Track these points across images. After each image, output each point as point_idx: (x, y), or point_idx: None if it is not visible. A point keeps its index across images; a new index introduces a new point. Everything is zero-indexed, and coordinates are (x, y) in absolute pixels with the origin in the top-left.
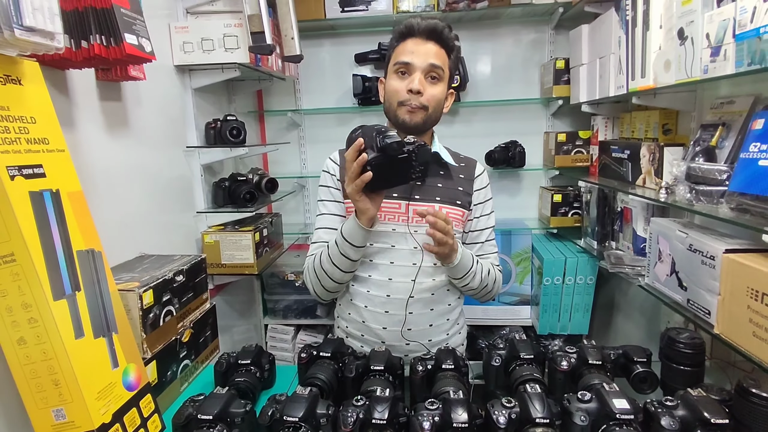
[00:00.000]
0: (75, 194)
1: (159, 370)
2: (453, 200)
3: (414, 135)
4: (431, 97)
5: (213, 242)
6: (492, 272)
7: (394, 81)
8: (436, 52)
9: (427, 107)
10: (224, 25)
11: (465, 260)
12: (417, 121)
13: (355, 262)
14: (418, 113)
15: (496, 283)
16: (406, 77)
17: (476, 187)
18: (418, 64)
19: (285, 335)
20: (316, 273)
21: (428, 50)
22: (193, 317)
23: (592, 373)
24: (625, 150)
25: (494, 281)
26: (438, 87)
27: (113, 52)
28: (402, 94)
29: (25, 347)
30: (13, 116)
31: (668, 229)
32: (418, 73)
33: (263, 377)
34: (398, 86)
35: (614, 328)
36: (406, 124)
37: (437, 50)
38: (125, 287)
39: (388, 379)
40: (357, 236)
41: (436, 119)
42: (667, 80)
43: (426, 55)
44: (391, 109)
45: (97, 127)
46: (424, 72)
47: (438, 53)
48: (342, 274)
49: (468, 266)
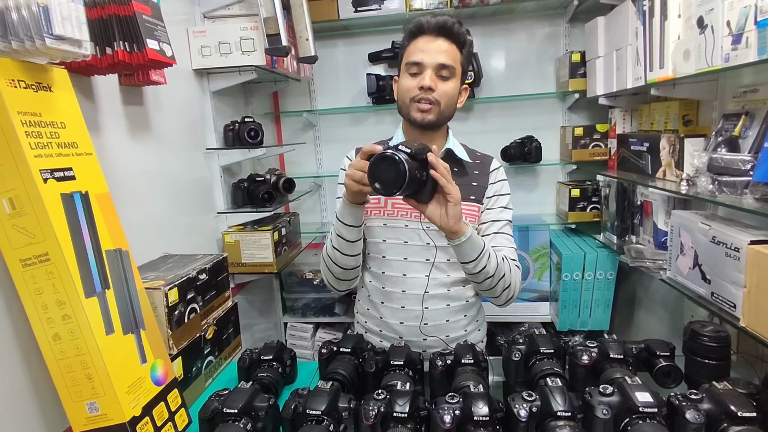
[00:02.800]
0: (102, 196)
1: (185, 366)
2: (466, 196)
3: (427, 130)
4: (443, 93)
5: (233, 242)
6: (507, 262)
7: (406, 80)
8: (446, 48)
9: (440, 103)
10: (241, 29)
11: (476, 239)
12: (430, 117)
13: (353, 243)
14: (430, 109)
15: (514, 274)
16: (418, 75)
17: (491, 180)
18: (429, 62)
19: (304, 333)
20: (324, 260)
21: (439, 47)
22: (216, 315)
23: (614, 367)
24: (645, 142)
25: (510, 271)
26: (450, 83)
27: (136, 57)
28: (414, 92)
29: (59, 343)
30: (45, 122)
31: (690, 222)
32: (429, 71)
33: (285, 372)
34: (410, 84)
35: (636, 324)
36: (419, 121)
37: (448, 47)
38: (151, 285)
39: (408, 374)
40: (345, 213)
41: (449, 115)
42: (686, 70)
43: (436, 53)
44: (404, 106)
45: (121, 131)
46: (434, 70)
47: (449, 50)
48: (343, 257)
49: (479, 247)
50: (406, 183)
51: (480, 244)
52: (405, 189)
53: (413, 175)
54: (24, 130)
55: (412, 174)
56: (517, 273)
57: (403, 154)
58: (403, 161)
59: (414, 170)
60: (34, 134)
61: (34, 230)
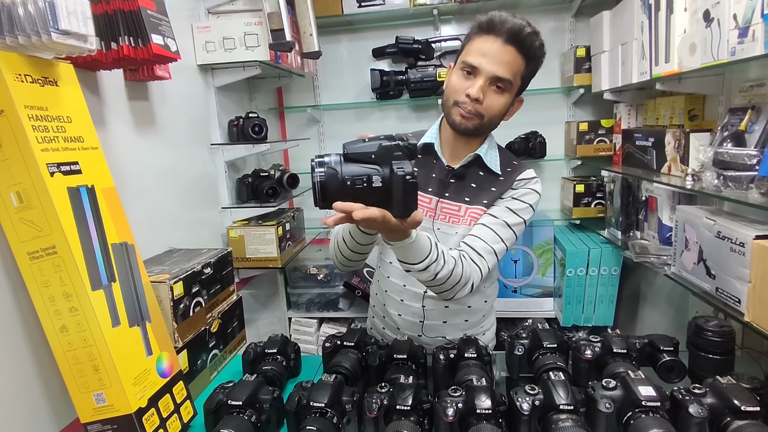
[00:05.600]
0: (108, 190)
1: (190, 359)
2: (480, 200)
3: (465, 136)
4: (489, 107)
5: (238, 237)
6: (456, 271)
7: (457, 77)
8: (510, 60)
9: (483, 116)
10: (245, 24)
11: (419, 247)
12: (468, 126)
13: (363, 245)
14: (471, 119)
15: (458, 285)
16: (471, 78)
17: (512, 186)
18: (485, 69)
19: (308, 328)
20: (334, 243)
21: (502, 56)
22: (221, 308)
23: (617, 361)
24: (650, 137)
25: (453, 283)
26: (501, 98)
27: (141, 52)
28: (460, 95)
29: (67, 335)
30: (51, 116)
31: (695, 217)
32: (482, 79)
33: (289, 366)
34: (459, 85)
35: (640, 320)
36: (457, 126)
37: (513, 58)
38: (157, 279)
39: (411, 368)
40: (356, 231)
41: (491, 128)
42: (692, 64)
43: (497, 63)
44: (447, 104)
45: (126, 126)
46: (488, 80)
47: (512, 62)
48: (353, 254)
49: (420, 256)
50: (319, 194)
51: (424, 250)
52: (324, 200)
53: (336, 184)
54: (31, 124)
55: (333, 183)
56: (467, 273)
57: (333, 157)
58: (318, 171)
59: (340, 178)
60: (41, 128)
61: (41, 223)
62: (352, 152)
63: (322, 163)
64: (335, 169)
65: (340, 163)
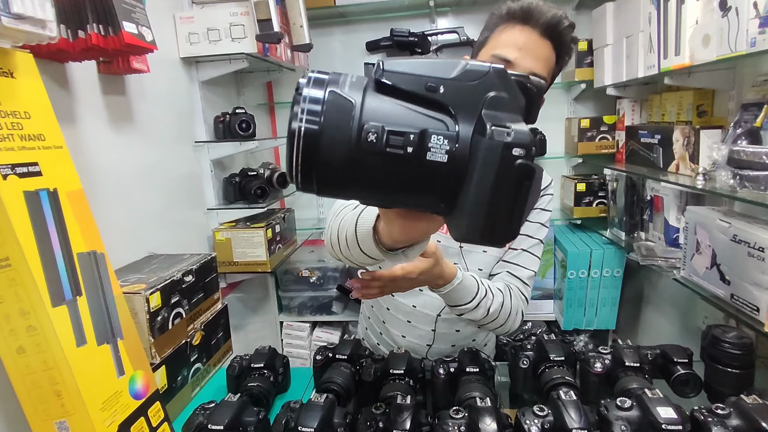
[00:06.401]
0: (75, 193)
1: (169, 376)
2: None
3: None
4: None
5: (224, 239)
6: (506, 304)
7: None
8: (547, 56)
9: None
10: (230, 14)
11: (467, 285)
12: None
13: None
14: None
15: (510, 317)
16: None
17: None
18: (522, 65)
19: (301, 332)
20: (338, 239)
21: (539, 51)
22: (204, 319)
23: (630, 375)
24: (656, 134)
25: (506, 315)
26: None
27: (111, 41)
28: None
29: (24, 356)
30: (5, 111)
31: (707, 219)
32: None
33: (277, 381)
34: None
35: (644, 323)
36: None
37: (549, 53)
38: (131, 290)
39: (409, 384)
40: (368, 242)
41: None
42: (706, 56)
43: (534, 58)
44: None
45: (101, 123)
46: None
47: (549, 58)
48: (353, 259)
49: (470, 294)
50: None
51: (471, 291)
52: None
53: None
54: None
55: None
56: (515, 308)
57: (350, 79)
58: (308, 106)
59: (351, 128)
60: None
61: None
62: (393, 71)
63: (321, 83)
64: (350, 102)
65: (362, 92)
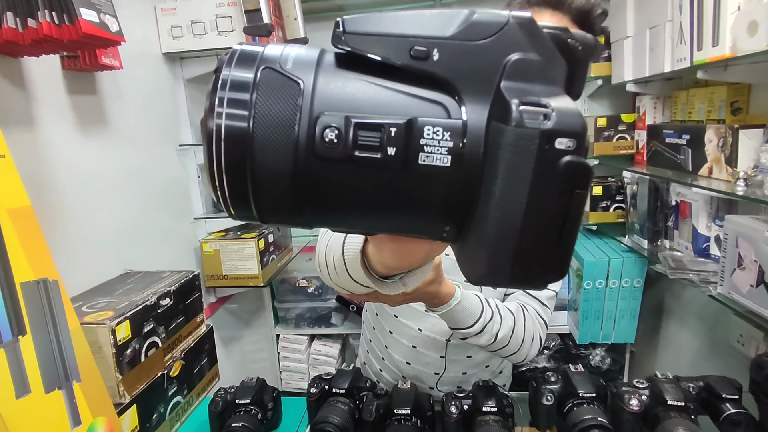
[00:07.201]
0: (20, 211)
1: (141, 416)
2: None
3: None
4: None
5: (212, 251)
6: (519, 328)
7: None
8: None
9: None
10: (216, 5)
11: (467, 307)
12: None
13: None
14: None
15: (524, 344)
16: None
17: None
18: None
19: (298, 345)
20: (326, 263)
21: None
22: (185, 345)
23: (673, 417)
24: (684, 134)
25: (518, 342)
26: None
27: (67, 31)
28: None
29: None
30: None
31: (753, 230)
32: None
33: (266, 418)
34: None
35: (665, 337)
36: None
37: None
38: (94, 319)
39: (416, 425)
40: (357, 269)
41: None
42: (752, 46)
43: None
44: None
45: (66, 126)
46: None
47: None
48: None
49: (472, 317)
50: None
51: (474, 313)
52: (236, 198)
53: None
54: None
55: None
56: (535, 332)
57: (295, 51)
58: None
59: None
60: None
61: None
62: (360, 32)
63: (251, 59)
64: (296, 83)
65: (314, 69)
